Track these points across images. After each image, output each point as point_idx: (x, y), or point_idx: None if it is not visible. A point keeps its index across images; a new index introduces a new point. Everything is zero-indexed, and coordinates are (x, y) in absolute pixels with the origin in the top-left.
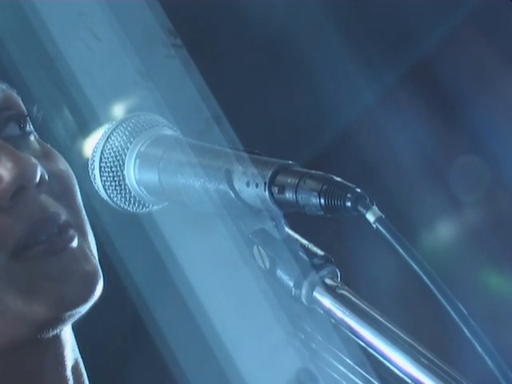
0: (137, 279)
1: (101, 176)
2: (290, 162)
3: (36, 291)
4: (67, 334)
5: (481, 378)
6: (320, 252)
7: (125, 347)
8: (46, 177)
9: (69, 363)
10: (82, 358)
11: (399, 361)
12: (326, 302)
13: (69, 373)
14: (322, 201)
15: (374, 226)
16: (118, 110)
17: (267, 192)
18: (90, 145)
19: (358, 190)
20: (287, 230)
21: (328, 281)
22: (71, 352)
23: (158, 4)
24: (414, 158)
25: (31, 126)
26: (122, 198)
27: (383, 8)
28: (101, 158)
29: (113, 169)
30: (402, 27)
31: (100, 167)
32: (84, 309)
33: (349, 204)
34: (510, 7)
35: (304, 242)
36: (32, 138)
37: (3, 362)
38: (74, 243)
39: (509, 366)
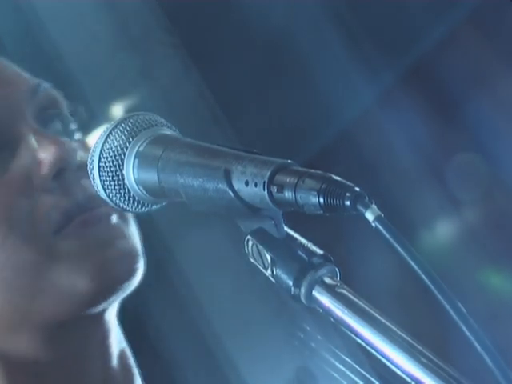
0: None
1: (100, 176)
2: (289, 161)
3: (78, 265)
4: (112, 319)
5: (481, 377)
6: (319, 251)
7: None
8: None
9: (114, 351)
10: None
11: (398, 360)
12: (326, 300)
13: (114, 361)
14: (321, 200)
15: (373, 224)
16: (117, 110)
17: (266, 191)
18: (89, 144)
19: (357, 189)
20: (286, 229)
21: (327, 280)
22: (116, 342)
23: (157, 4)
24: (413, 158)
25: (75, 126)
26: (121, 197)
27: (383, 8)
28: (100, 158)
29: (112, 168)
30: (401, 27)
31: (99, 167)
32: (127, 286)
33: (348, 203)
34: (510, 7)
35: (303, 241)
36: (76, 136)
37: (48, 344)
38: (112, 219)
39: (509, 366)
